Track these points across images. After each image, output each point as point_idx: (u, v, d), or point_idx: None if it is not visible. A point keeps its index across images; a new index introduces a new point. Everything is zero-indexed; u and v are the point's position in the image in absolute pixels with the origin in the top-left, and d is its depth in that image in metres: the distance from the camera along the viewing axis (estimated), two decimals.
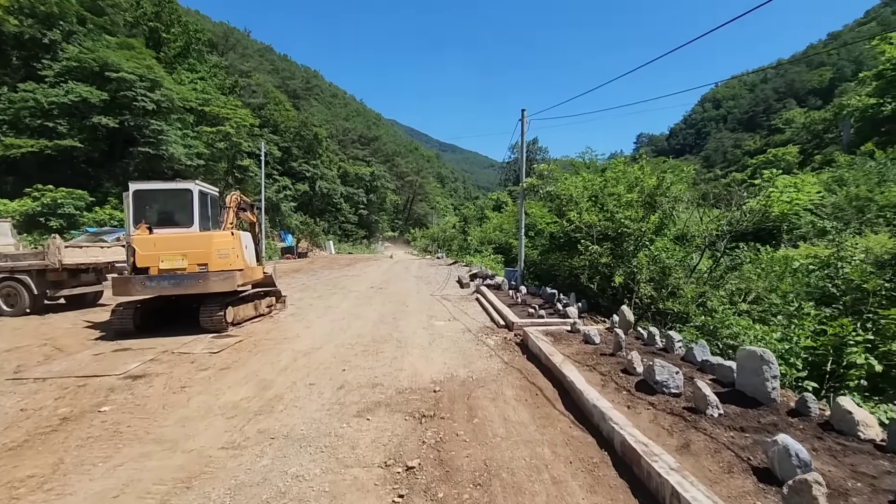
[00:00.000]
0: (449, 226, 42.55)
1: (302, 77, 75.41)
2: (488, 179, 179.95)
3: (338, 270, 25.74)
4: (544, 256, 14.76)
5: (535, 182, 13.41)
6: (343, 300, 13.98)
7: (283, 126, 57.08)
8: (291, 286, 17.60)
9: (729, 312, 10.11)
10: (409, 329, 9.57)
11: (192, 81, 44.67)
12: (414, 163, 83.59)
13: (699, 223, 10.80)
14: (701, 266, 10.89)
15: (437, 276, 21.81)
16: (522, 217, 13.75)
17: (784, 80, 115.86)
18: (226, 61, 55.15)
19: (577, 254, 12.53)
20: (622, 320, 7.54)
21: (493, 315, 10.58)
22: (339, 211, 60.08)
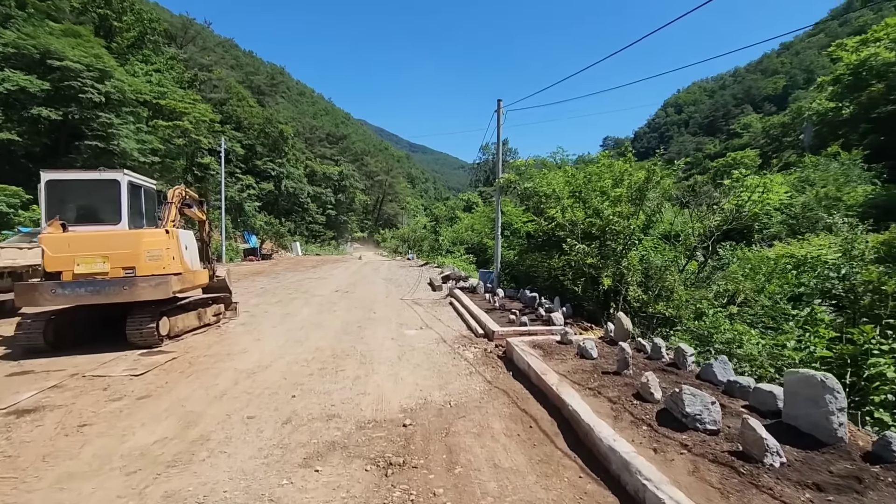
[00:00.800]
0: (419, 226, 41.39)
1: (267, 73, 72.45)
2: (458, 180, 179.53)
3: (302, 273, 24.19)
4: (522, 257, 13.83)
5: (511, 178, 12.46)
6: (304, 306, 12.64)
7: (247, 123, 54.57)
8: (249, 290, 16.10)
9: (720, 316, 9.40)
10: (375, 340, 8.39)
11: (146, 73, 41.97)
12: (384, 162, 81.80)
13: (688, 222, 10.09)
14: (689, 267, 10.15)
15: (408, 279, 20.62)
16: (499, 215, 12.80)
17: (741, 86, 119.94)
18: (185, 54, 52.23)
19: (559, 254, 11.64)
20: (618, 329, 6.60)
21: (469, 322, 9.52)
22: (306, 211, 57.93)
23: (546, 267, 12.89)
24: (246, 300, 13.82)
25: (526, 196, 12.96)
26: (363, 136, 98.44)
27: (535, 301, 10.71)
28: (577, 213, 9.14)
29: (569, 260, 10.01)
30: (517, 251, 14.21)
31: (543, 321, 8.98)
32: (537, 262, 12.96)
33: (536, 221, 14.03)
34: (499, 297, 11.75)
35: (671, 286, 8.57)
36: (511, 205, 17.56)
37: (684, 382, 4.73)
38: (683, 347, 5.18)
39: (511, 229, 15.86)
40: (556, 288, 12.48)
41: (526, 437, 4.24)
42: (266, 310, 11.99)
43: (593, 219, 9.52)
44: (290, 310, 11.99)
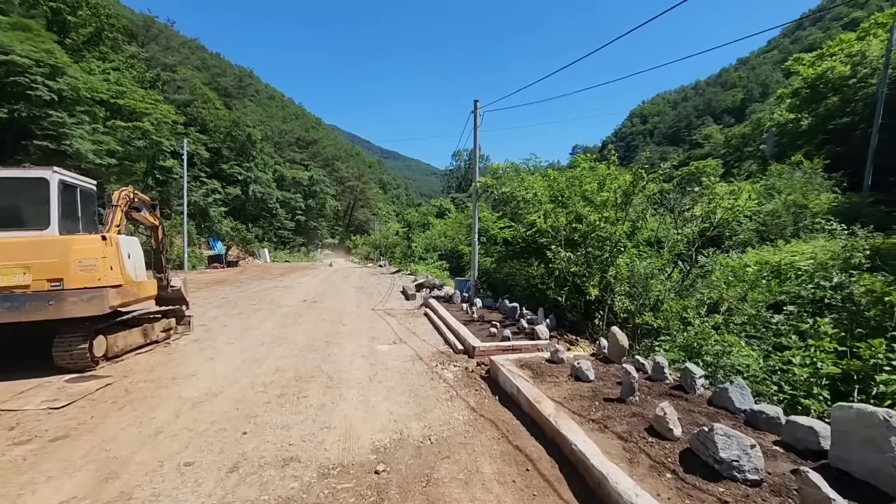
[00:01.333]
0: (391, 232, 40.41)
1: (235, 76, 70.16)
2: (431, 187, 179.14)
3: (268, 281, 22.95)
4: (499, 265, 13.22)
5: (489, 182, 11.86)
6: (267, 318, 11.64)
7: (213, 125, 52.49)
8: (209, 301, 14.92)
9: (706, 326, 8.98)
10: (344, 358, 7.56)
11: (104, 71, 39.73)
12: (355, 167, 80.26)
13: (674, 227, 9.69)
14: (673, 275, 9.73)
15: (380, 287, 19.74)
16: (476, 221, 12.17)
17: (702, 98, 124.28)
18: (146, 53, 49.93)
19: (538, 261, 11.08)
20: (613, 346, 5.98)
21: (447, 336, 8.78)
22: (274, 217, 56.06)
23: (525, 275, 12.32)
24: (204, 312, 12.72)
25: (503, 201, 12.38)
26: (334, 141, 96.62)
27: (515, 312, 10.08)
28: (559, 219, 8.58)
29: (551, 268, 9.43)
30: (495, 259, 13.60)
31: (527, 334, 8.34)
32: (516, 269, 12.37)
33: (514, 227, 13.46)
34: (477, 308, 11.07)
35: (661, 296, 8.08)
36: (486, 210, 16.97)
37: (697, 410, 4.14)
38: (691, 368, 4.59)
39: (487, 235, 15.26)
40: (536, 297, 11.91)
41: (523, 483, 3.53)
42: (225, 323, 10.94)
43: (577, 224, 8.98)
44: (251, 323, 10.98)
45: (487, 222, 15.12)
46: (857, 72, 29.20)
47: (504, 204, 12.22)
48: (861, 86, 28.74)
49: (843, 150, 30.65)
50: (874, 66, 28.11)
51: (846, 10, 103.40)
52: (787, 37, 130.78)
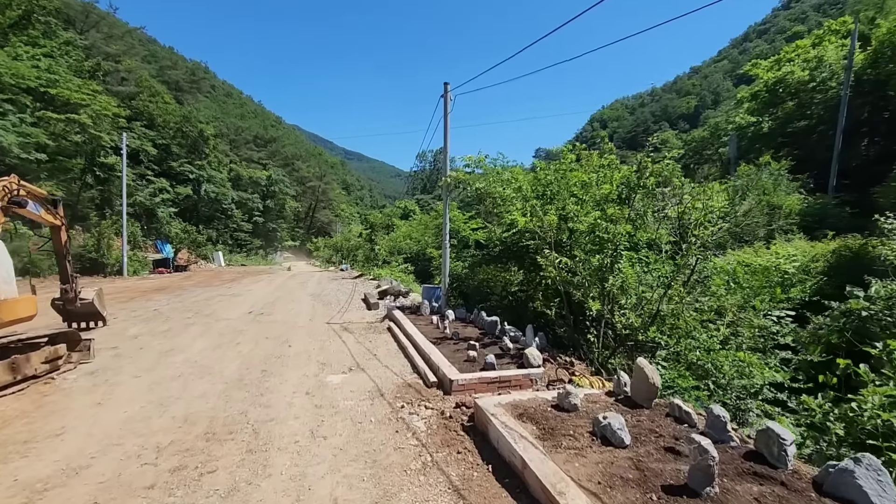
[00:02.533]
0: (354, 234, 38.23)
1: (187, 69, 65.74)
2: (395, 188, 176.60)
3: (216, 288, 20.55)
4: (472, 270, 11.65)
5: (461, 176, 10.29)
6: (199, 337, 9.61)
7: (162, 121, 48.69)
8: (136, 314, 12.65)
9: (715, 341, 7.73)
10: (282, 397, 5.75)
11: (32, 57, 35.74)
12: (316, 167, 76.85)
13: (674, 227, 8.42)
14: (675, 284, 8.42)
15: (339, 294, 17.81)
16: (447, 220, 10.54)
17: (659, 105, 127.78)
18: (85, 41, 45.68)
19: (520, 267, 9.57)
20: (640, 383, 4.44)
21: (415, 361, 7.09)
22: (229, 218, 52.60)
23: (502, 282, 10.80)
24: (124, 329, 10.56)
25: (476, 198, 10.83)
26: (295, 141, 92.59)
27: (495, 327, 8.50)
28: (550, 218, 7.10)
29: (540, 277, 7.96)
30: (467, 264, 11.99)
31: (512, 357, 6.78)
32: (491, 276, 10.84)
33: (488, 229, 11.95)
34: (449, 321, 9.45)
35: (676, 309, 6.70)
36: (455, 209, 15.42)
37: None
38: (777, 431, 3.12)
39: (458, 237, 13.66)
40: (515, 308, 10.42)
41: None
42: (143, 345, 8.85)
43: (572, 223, 7.52)
44: (176, 344, 8.93)
45: (458, 223, 13.54)
46: (814, 76, 29.46)
47: (478, 202, 10.68)
48: (820, 89, 29.01)
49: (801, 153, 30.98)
50: (833, 70, 28.39)
51: (789, 24, 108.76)
52: (736, 48, 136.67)
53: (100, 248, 28.91)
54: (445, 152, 10.44)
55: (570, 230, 7.80)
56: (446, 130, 10.33)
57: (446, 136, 10.31)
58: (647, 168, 7.09)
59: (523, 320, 10.08)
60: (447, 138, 10.32)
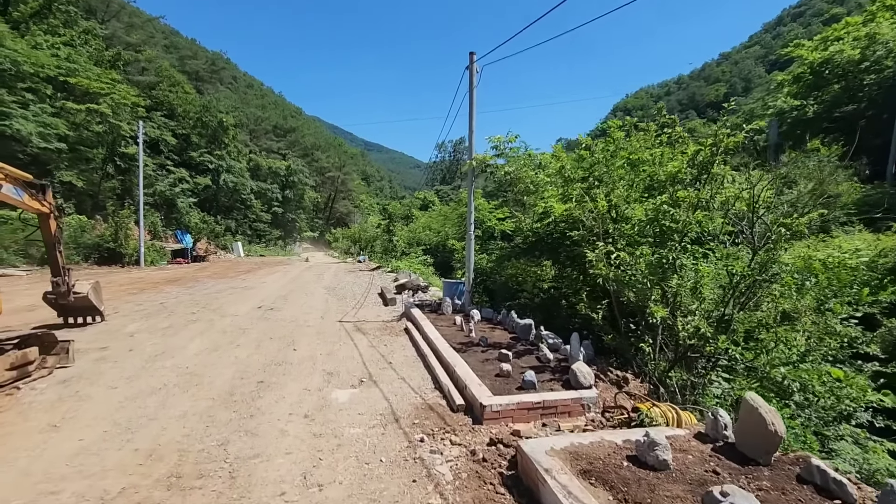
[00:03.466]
0: (371, 225, 37.26)
1: (207, 58, 65.48)
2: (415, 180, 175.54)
3: (229, 280, 19.81)
4: (499, 265, 10.43)
5: (488, 158, 9.08)
6: (197, 336, 8.68)
7: (182, 110, 48.43)
8: (140, 308, 11.86)
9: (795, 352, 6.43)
10: (275, 421, 4.69)
11: (52, 46, 35.54)
12: (336, 157, 76.18)
13: None
14: None
15: (355, 288, 16.83)
16: (472, 208, 9.34)
17: (686, 93, 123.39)
18: (106, 30, 45.52)
19: (555, 261, 8.34)
20: (751, 428, 3.16)
21: (437, 374, 5.97)
22: (248, 208, 52.32)
23: (533, 278, 9.58)
24: (122, 326, 9.73)
25: (506, 184, 9.61)
26: (315, 131, 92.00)
27: (529, 331, 7.32)
28: (600, 203, 5.83)
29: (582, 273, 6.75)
30: (495, 257, 10.76)
31: (553, 371, 5.60)
32: (521, 271, 9.62)
33: (516, 218, 10.72)
34: (475, 322, 8.30)
35: (767, 316, 5.42)
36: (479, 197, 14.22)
37: None
38: None
39: (482, 228, 12.45)
40: (549, 308, 9.20)
41: None
42: (134, 345, 7.94)
43: (626, 210, 6.25)
44: (171, 344, 8.00)
45: (482, 212, 12.34)
46: (866, 55, 27.06)
47: (505, 188, 9.46)
48: (874, 69, 26.62)
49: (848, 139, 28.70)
50: (889, 48, 25.95)
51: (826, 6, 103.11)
52: (769, 32, 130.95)
53: (117, 238, 28.56)
54: (471, 130, 9.21)
55: (616, 218, 6.53)
56: (472, 106, 9.09)
57: (472, 113, 9.08)
58: (722, 142, 5.77)
59: (555, 321, 8.89)
60: (473, 115, 9.09)
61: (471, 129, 9.19)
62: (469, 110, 9.12)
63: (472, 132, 9.20)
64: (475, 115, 9.15)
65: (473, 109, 9.09)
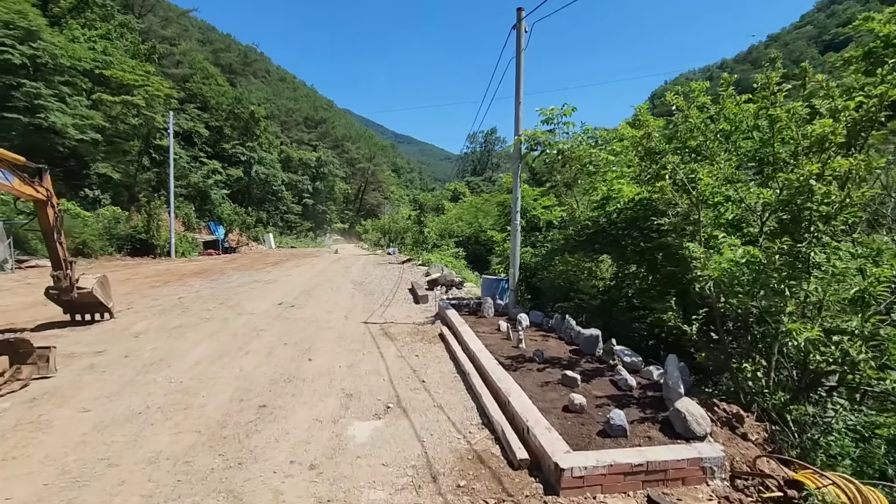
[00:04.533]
0: (402, 216, 36.12)
1: (240, 51, 65.76)
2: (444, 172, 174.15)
3: (255, 272, 19.02)
4: (548, 259, 8.94)
5: (539, 134, 7.61)
6: (205, 340, 7.61)
7: (215, 102, 48.50)
8: (156, 304, 11.02)
9: None
10: (269, 474, 3.41)
11: (89, 39, 35.78)
12: (366, 149, 75.55)
13: None
14: None
15: (384, 282, 15.66)
16: (518, 194, 7.85)
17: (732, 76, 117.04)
18: (142, 24, 45.87)
19: (620, 257, 6.85)
20: None
21: (481, 399, 4.61)
22: (280, 200, 52.20)
23: (589, 276, 8.09)
24: (131, 324, 8.85)
25: (559, 164, 8.11)
26: (345, 123, 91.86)
27: (595, 344, 5.86)
28: (704, 182, 4.29)
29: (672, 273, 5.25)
30: (546, 251, 9.25)
31: (640, 404, 4.15)
32: (576, 268, 8.13)
33: (566, 206, 9.23)
34: (523, 328, 6.89)
35: None
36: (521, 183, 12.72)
37: None
38: None
39: (525, 218, 10.96)
40: (608, 312, 7.71)
41: None
42: (133, 350, 6.91)
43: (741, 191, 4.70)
44: (173, 349, 6.95)
45: (526, 199, 10.84)
46: None
47: (562, 168, 7.96)
48: None
49: None
50: None
51: None
52: (822, 11, 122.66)
53: (149, 230, 28.43)
54: (518, 101, 7.72)
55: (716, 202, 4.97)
56: (519, 71, 7.60)
57: (519, 79, 7.59)
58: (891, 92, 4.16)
59: (617, 329, 7.40)
60: (520, 81, 7.60)
61: (518, 100, 7.71)
62: (516, 77, 7.63)
63: (519, 103, 7.71)
64: (523, 82, 7.66)
65: (521, 75, 7.60)
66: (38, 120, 27.21)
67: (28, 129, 26.82)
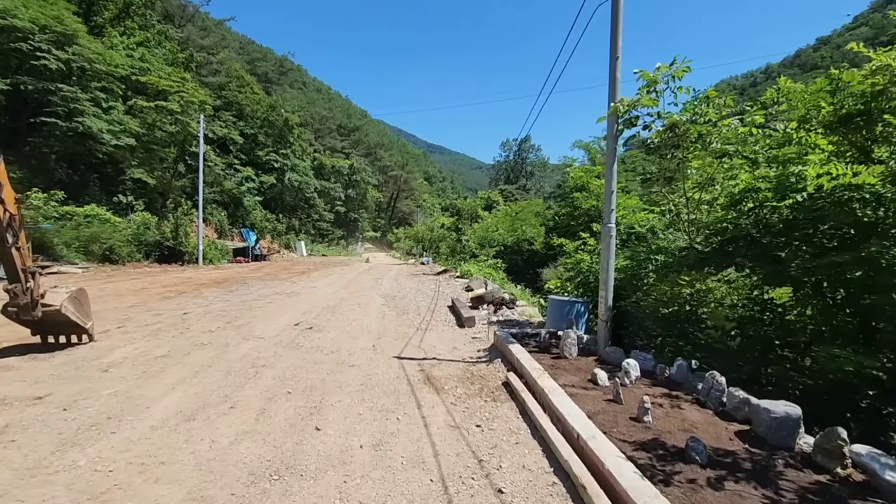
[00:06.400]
0: (437, 224, 34.00)
1: (275, 60, 65.93)
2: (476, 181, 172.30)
3: (279, 283, 17.24)
4: (660, 278, 6.46)
5: (645, 101, 5.31)
6: (189, 379, 5.57)
7: (250, 110, 48.13)
8: (155, 320, 9.18)
9: None
10: None
11: (127, 46, 35.64)
12: (399, 157, 74.37)
13: None
14: None
15: (419, 297, 13.49)
16: (614, 178, 5.51)
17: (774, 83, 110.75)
18: (181, 33, 46.02)
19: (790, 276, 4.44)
20: None
21: None
22: (312, 207, 51.23)
23: (717, 302, 5.66)
24: (109, 350, 6.99)
25: (672, 145, 5.76)
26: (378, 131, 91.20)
27: (794, 431, 3.40)
28: None
29: None
30: (658, 268, 6.66)
31: None
32: (691, 290, 5.68)
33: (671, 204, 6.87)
34: (631, 381, 4.51)
35: None
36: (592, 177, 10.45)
37: None
38: None
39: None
40: (748, 357, 5.27)
41: None
42: (87, 393, 4.91)
43: None
44: (138, 397, 4.90)
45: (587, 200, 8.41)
46: None
47: (671, 149, 5.59)
48: None
49: None
50: None
51: None
52: (878, 11, 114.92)
53: (178, 236, 27.35)
54: (614, 55, 5.36)
55: None
56: (617, 13, 5.31)
57: (617, 24, 5.25)
58: None
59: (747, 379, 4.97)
60: (618, 26, 5.27)
61: (615, 53, 5.37)
62: (612, 16, 5.33)
63: (616, 58, 5.37)
64: (622, 24, 5.35)
65: (620, 14, 5.30)
66: (75, 124, 26.68)
67: (67, 134, 26.35)
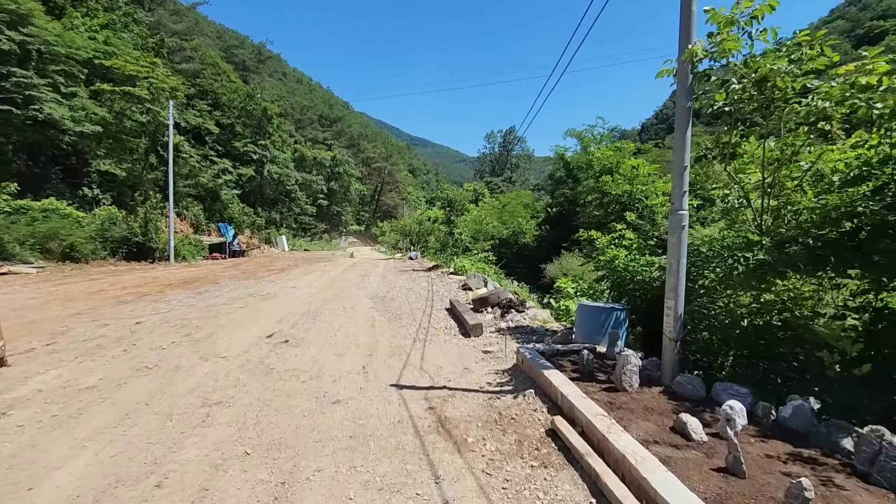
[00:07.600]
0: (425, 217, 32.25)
1: (253, 48, 62.85)
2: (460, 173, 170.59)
3: (255, 282, 15.44)
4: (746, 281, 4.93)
5: (729, 44, 3.85)
6: (112, 430, 3.92)
7: (227, 99, 45.45)
8: (98, 334, 7.41)
9: None
10: None
11: (90, 29, 32.84)
12: (383, 148, 72.12)
13: None
14: None
15: (411, 297, 11.91)
16: (687, 155, 4.12)
17: None
18: (151, 17, 43.03)
19: None
20: None
21: None
22: (293, 201, 48.94)
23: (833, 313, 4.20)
24: (22, 380, 5.27)
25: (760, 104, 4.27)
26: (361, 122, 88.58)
27: None
28: None
29: None
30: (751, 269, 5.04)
31: None
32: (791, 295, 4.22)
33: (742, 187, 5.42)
34: (734, 433, 3.04)
35: None
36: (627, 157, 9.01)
37: None
38: None
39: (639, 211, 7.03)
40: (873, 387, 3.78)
41: None
42: None
43: None
44: (29, 460, 3.26)
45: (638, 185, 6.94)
46: None
47: (765, 109, 4.11)
48: None
49: None
50: None
51: None
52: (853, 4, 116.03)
53: (147, 232, 25.08)
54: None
55: None
56: None
57: None
58: None
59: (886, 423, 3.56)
60: None
61: None
62: None
63: None
64: None
65: None
66: (32, 112, 24.19)
67: (25, 123, 23.89)
